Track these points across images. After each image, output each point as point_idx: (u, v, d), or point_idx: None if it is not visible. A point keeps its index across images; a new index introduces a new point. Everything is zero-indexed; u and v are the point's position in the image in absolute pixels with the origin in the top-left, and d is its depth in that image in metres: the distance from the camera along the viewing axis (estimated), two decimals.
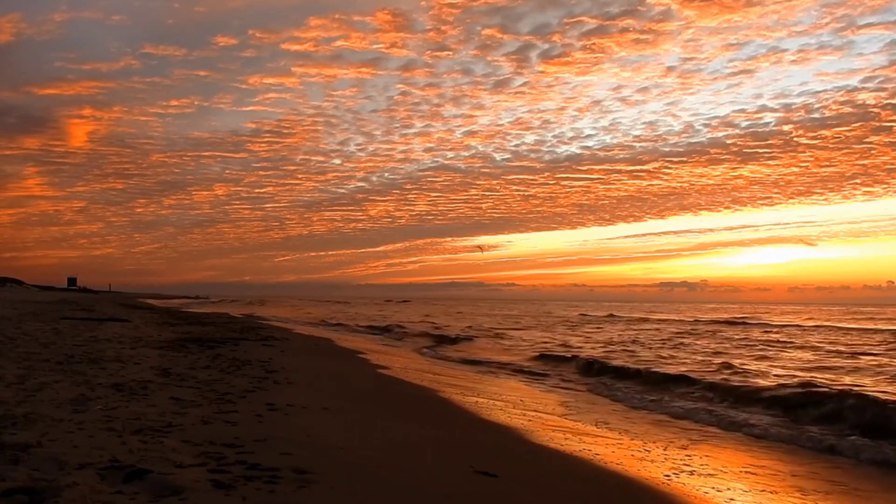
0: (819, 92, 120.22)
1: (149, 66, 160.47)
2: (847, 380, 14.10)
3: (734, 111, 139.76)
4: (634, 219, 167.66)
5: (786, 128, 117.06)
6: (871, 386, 12.98)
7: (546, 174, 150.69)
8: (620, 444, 8.48)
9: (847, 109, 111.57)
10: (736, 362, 17.54)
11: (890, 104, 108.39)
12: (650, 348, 23.59)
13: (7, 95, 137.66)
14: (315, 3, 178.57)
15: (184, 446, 5.32)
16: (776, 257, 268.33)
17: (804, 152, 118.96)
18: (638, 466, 7.08)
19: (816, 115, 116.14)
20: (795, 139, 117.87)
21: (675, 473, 6.81)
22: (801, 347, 24.08)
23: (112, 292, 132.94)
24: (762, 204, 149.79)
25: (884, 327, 38.95)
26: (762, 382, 13.20)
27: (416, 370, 15.88)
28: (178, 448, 5.24)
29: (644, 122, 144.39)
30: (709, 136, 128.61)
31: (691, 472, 6.97)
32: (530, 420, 9.64)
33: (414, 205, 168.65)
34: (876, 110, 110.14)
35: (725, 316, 56.43)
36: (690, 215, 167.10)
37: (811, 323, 44.98)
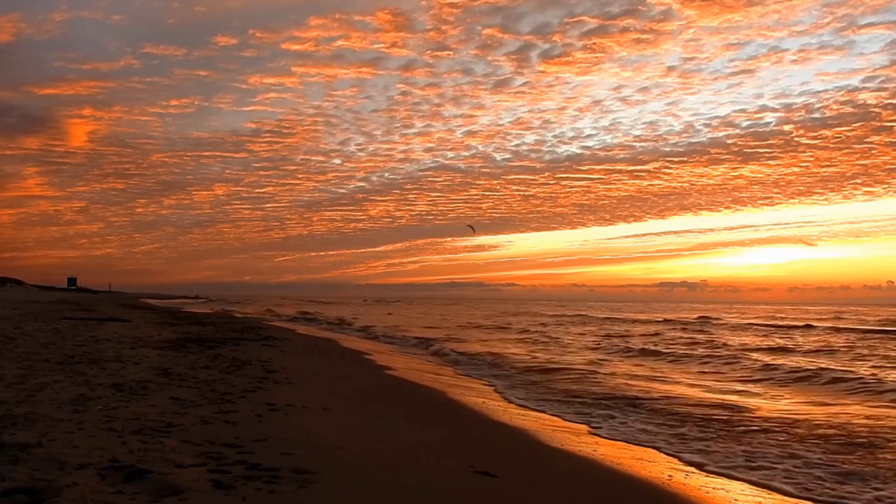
0: (820, 92, 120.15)
1: (149, 66, 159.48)
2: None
3: (735, 111, 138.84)
4: (634, 219, 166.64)
5: (786, 128, 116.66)
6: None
7: (546, 174, 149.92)
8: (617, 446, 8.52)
9: (848, 109, 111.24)
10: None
11: (891, 104, 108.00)
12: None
13: (7, 95, 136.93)
14: (315, 2, 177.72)
15: (184, 446, 5.32)
16: (776, 257, 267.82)
17: (805, 152, 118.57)
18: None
19: (817, 115, 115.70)
20: (796, 139, 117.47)
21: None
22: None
23: (112, 292, 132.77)
24: (762, 204, 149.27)
25: (833, 326, 39.75)
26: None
27: (416, 370, 15.89)
28: (178, 448, 5.24)
29: (644, 122, 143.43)
30: (709, 135, 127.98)
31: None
32: (532, 420, 9.65)
33: (414, 205, 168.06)
34: (877, 110, 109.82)
35: (692, 316, 57.16)
36: (690, 215, 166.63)
37: (763, 322, 46.74)
